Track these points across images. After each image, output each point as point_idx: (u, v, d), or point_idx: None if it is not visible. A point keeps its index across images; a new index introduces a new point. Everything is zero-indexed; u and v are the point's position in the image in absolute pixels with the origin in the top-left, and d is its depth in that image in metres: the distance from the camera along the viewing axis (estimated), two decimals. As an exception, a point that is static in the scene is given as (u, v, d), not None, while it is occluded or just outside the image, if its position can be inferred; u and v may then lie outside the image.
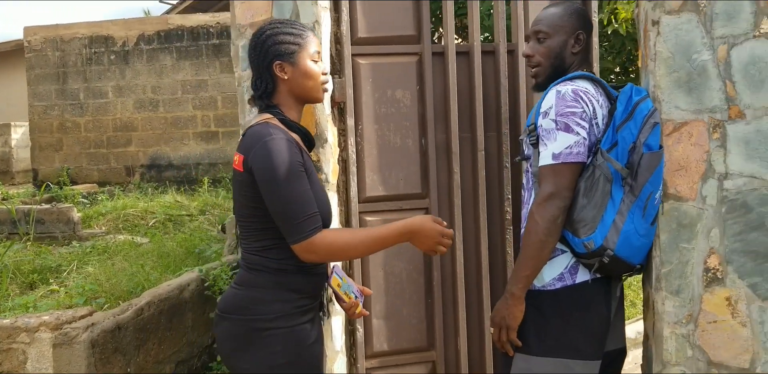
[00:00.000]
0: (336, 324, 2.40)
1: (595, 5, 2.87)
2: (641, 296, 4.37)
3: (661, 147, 1.92)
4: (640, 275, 2.18)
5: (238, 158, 1.77)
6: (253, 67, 1.85)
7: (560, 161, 1.92)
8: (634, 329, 3.90)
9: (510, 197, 2.74)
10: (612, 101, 2.06)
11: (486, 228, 2.71)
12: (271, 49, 1.82)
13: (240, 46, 2.36)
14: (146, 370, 2.92)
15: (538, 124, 1.99)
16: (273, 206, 1.70)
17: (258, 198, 1.73)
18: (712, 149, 1.89)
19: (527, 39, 2.17)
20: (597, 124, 1.98)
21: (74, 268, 4.62)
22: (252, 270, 1.80)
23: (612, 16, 3.48)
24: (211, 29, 9.49)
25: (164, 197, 8.08)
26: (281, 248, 1.76)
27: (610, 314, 2.01)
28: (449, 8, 2.69)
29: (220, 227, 6.07)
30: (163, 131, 9.78)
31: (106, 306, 3.37)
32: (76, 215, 6.39)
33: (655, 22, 1.91)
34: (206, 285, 3.55)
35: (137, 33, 9.66)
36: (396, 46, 2.61)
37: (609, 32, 3.47)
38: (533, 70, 2.14)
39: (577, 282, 1.98)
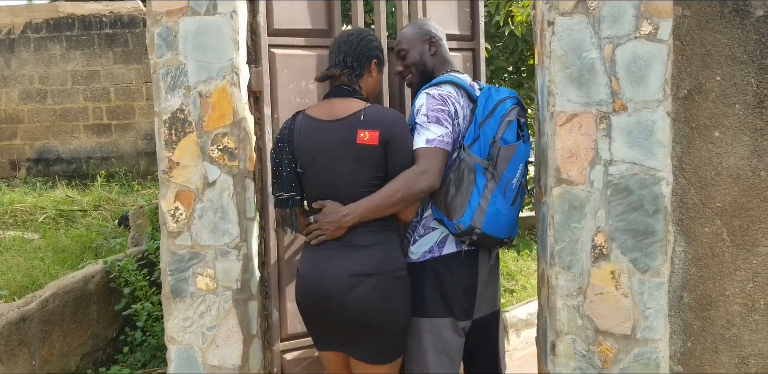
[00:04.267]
0: (252, 308, 2.47)
1: (481, 7, 3.07)
2: (530, 281, 4.66)
3: (518, 140, 2.21)
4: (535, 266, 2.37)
5: (369, 135, 2.14)
6: (350, 51, 2.24)
7: (433, 145, 2.16)
8: (525, 310, 4.16)
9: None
10: (473, 101, 2.33)
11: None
12: (376, 49, 2.30)
13: (156, 33, 2.38)
14: (51, 363, 2.87)
15: (414, 121, 2.24)
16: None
17: (384, 167, 2.16)
18: (599, 138, 2.10)
19: (396, 59, 2.49)
20: (458, 123, 2.26)
21: (-38, 264, 4.40)
22: (382, 232, 2.18)
23: (509, 19, 3.71)
24: (104, 18, 9.17)
25: (54, 192, 7.75)
26: None
27: (476, 280, 2.31)
28: (359, 6, 2.81)
29: (116, 221, 5.91)
30: (52, 123, 9.36)
31: (1, 300, 3.26)
32: (-41, 210, 6.03)
33: (551, 23, 2.10)
34: (111, 276, 3.50)
35: (24, 20, 9.18)
36: (310, 39, 2.70)
37: (506, 33, 3.70)
38: (406, 81, 2.49)
39: (444, 253, 2.28)
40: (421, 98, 2.25)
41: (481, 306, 2.34)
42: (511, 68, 4.86)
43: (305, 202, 2.26)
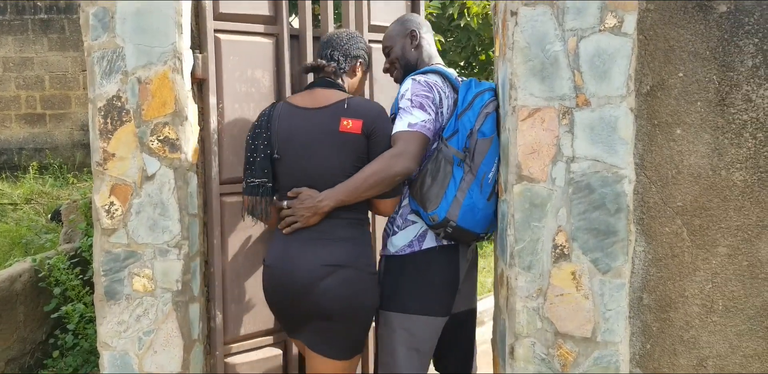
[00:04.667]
0: (193, 311, 2.32)
1: (422, 6, 3.03)
2: (480, 278, 4.63)
3: (494, 133, 2.17)
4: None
5: (352, 123, 2.15)
6: (338, 46, 2.31)
7: (414, 129, 2.15)
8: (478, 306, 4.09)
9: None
10: (456, 92, 2.31)
11: None
12: (362, 51, 2.37)
13: (91, 13, 2.19)
14: (-28, 369, 2.65)
15: (398, 106, 2.22)
16: None
17: (365, 157, 2.17)
18: (561, 134, 2.02)
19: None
20: (442, 112, 2.25)
21: None
22: (356, 226, 2.18)
23: (465, 10, 3.63)
24: (38, 3, 8.74)
25: (-18, 185, 7.34)
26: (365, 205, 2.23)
27: (457, 276, 2.28)
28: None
29: (49, 216, 5.62)
30: (-20, 112, 8.89)
31: None
32: None
33: (514, 13, 2.01)
34: (40, 275, 3.28)
35: (-50, 2, 8.68)
36: (256, 26, 2.56)
37: (462, 25, 3.62)
38: (393, 77, 2.50)
39: (423, 248, 2.26)
40: (407, 84, 2.24)
41: (459, 301, 2.31)
42: (462, 63, 4.79)
43: (277, 191, 2.25)
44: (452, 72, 2.37)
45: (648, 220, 2.09)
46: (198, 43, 2.40)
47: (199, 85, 2.41)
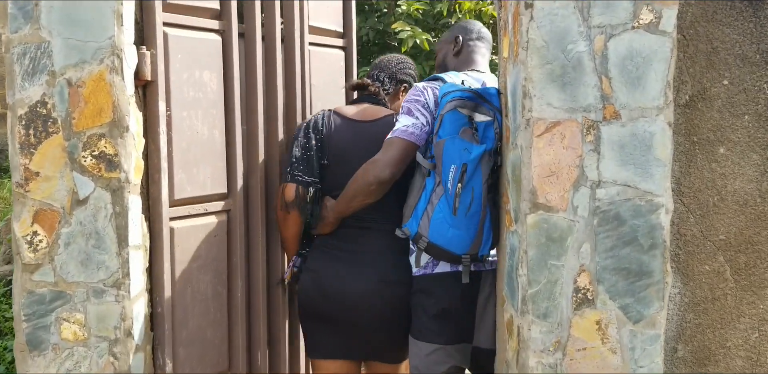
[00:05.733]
0: (137, 362, 1.92)
1: (353, 5, 2.89)
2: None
3: (449, 135, 1.99)
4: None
5: None
6: (385, 69, 2.49)
7: (393, 136, 2.10)
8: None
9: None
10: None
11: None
12: (409, 76, 2.52)
13: (8, -2, 1.80)
14: None
15: None
16: None
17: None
18: (585, 153, 1.67)
19: None
20: (435, 118, 2.11)
21: None
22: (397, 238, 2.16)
23: (456, 7, 3.30)
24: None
25: None
26: None
27: (455, 304, 2.14)
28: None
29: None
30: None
31: None
32: None
33: (529, 5, 1.65)
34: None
35: None
36: (202, 20, 2.22)
37: (452, 23, 3.28)
38: None
39: (434, 272, 2.15)
40: (413, 89, 2.20)
41: (479, 337, 2.18)
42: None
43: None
44: (477, 78, 2.25)
45: (684, 256, 1.75)
46: (142, 38, 2.00)
47: (144, 89, 2.01)
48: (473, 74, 2.25)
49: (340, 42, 2.82)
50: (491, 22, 3.52)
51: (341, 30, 2.83)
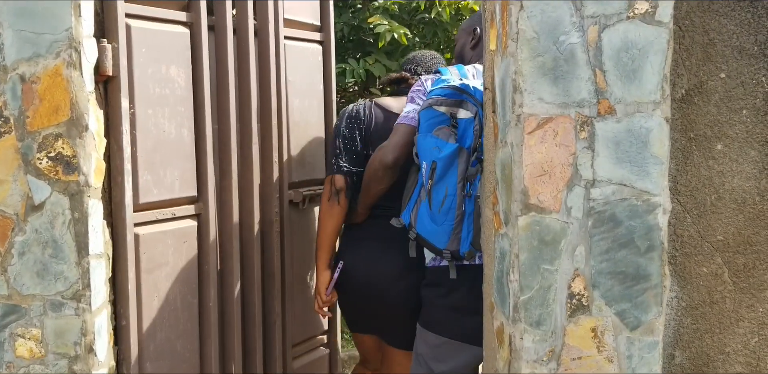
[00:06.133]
0: (99, 379, 1.79)
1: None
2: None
3: (426, 131, 2.05)
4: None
5: None
6: (421, 63, 2.57)
7: (398, 122, 2.19)
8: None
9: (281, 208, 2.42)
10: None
11: (260, 240, 2.38)
12: None
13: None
14: None
15: None
16: None
17: None
18: (579, 150, 1.58)
19: None
20: None
21: None
22: None
23: (436, 1, 3.19)
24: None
25: None
26: None
27: (462, 300, 2.16)
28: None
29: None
30: None
31: None
32: None
33: (518, -6, 1.55)
34: None
35: None
36: (169, 12, 2.10)
37: (431, 18, 3.17)
38: None
39: (441, 264, 2.20)
40: (418, 84, 2.25)
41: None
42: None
43: None
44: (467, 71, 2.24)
45: (681, 258, 1.67)
46: (103, 30, 1.86)
47: (105, 85, 1.87)
48: (480, 68, 2.20)
49: (317, 36, 2.71)
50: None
51: (318, 23, 2.71)
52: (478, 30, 2.31)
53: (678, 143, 1.65)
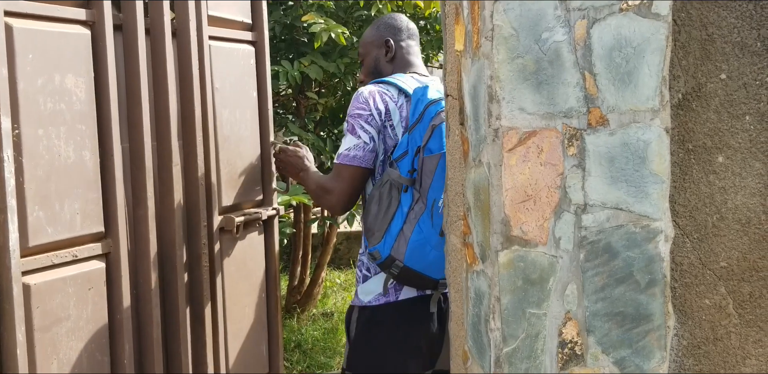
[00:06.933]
0: None
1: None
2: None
3: (444, 149, 1.83)
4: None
5: None
6: None
7: (338, 161, 1.99)
8: None
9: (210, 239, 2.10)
10: None
11: (185, 279, 2.04)
12: None
13: None
14: None
15: None
16: None
17: None
18: (568, 169, 1.31)
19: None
20: (392, 125, 1.98)
21: None
22: None
23: (388, 4, 2.90)
24: None
25: None
26: None
27: (432, 330, 2.00)
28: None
29: None
30: None
31: None
32: None
33: (491, -19, 1.27)
34: None
35: None
36: (63, 9, 1.74)
37: (371, 15, 2.88)
38: None
39: (400, 298, 1.99)
40: (356, 97, 2.01)
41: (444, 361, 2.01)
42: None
43: None
44: (423, 82, 2.08)
45: (681, 290, 1.44)
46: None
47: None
48: (419, 78, 2.09)
49: (248, 36, 2.37)
50: (417, 11, 3.14)
51: (250, 21, 2.37)
52: (391, 41, 2.14)
53: (675, 156, 1.42)
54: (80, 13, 1.76)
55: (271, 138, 2.36)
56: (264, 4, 2.44)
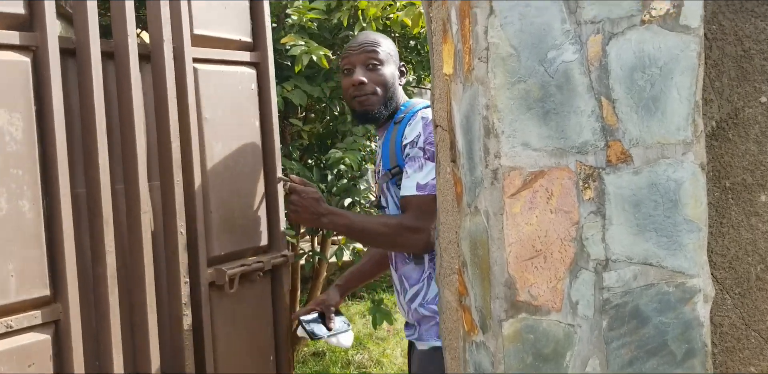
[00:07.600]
0: None
1: (266, 6, 2.16)
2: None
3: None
4: None
5: None
6: None
7: (426, 193, 1.81)
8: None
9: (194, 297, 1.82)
10: None
11: (161, 347, 1.74)
12: None
13: None
14: None
15: (405, 153, 1.87)
16: None
17: None
18: (584, 217, 1.07)
19: (354, 65, 1.94)
20: None
21: None
22: None
23: (359, 13, 2.66)
24: None
25: None
26: None
27: None
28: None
29: None
30: None
31: None
32: None
33: (484, -8, 1.04)
34: None
35: None
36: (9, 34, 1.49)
37: (356, 33, 2.65)
38: (365, 98, 1.93)
39: None
40: (417, 126, 1.87)
41: None
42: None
43: None
44: None
45: (721, 356, 1.21)
46: None
47: None
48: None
49: (248, 56, 2.06)
50: (407, 31, 2.92)
51: (250, 40, 2.07)
52: (404, 69, 2.02)
53: (710, 195, 1.19)
54: (14, 37, 1.52)
55: (278, 173, 2.09)
56: (268, 21, 2.13)
